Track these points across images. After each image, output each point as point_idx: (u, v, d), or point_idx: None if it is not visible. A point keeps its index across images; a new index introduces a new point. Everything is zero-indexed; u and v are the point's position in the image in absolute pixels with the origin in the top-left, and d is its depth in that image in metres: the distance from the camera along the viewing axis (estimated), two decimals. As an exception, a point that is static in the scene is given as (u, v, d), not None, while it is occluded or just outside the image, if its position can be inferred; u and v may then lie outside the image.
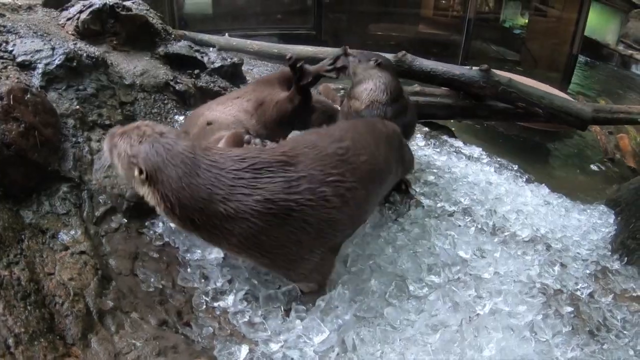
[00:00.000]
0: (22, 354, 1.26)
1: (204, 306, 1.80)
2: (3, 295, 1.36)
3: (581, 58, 7.60)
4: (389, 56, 3.65)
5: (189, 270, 1.87)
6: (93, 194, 1.97)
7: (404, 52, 3.61)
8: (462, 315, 1.98)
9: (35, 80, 2.29)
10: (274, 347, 1.62)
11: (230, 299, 1.81)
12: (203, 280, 1.87)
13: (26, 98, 1.96)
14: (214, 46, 3.95)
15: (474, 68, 3.57)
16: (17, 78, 2.23)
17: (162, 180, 1.55)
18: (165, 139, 1.60)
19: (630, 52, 8.37)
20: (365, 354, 1.71)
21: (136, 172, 1.58)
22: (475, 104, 3.65)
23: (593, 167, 4.59)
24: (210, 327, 1.69)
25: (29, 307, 1.38)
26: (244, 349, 1.59)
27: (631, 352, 2.04)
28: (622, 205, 3.23)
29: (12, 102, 1.87)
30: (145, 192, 1.60)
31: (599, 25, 8.24)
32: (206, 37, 4.24)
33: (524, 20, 8.33)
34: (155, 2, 3.51)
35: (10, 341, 1.28)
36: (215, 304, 1.80)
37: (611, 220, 3.09)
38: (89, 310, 1.50)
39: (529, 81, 4.13)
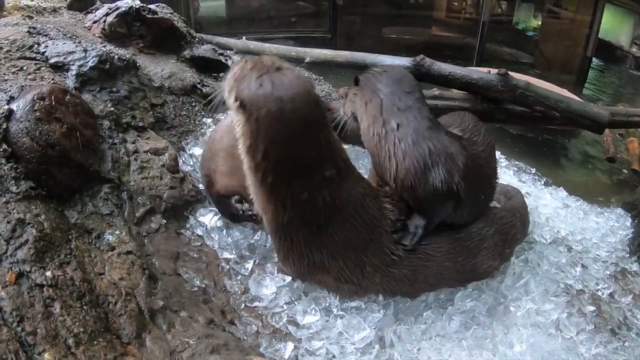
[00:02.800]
0: (83, 354, 1.28)
1: (243, 305, 1.84)
2: (59, 295, 1.39)
3: (594, 60, 7.57)
4: (406, 60, 3.70)
5: (238, 278, 1.92)
6: (132, 195, 2.01)
7: (422, 55, 3.64)
8: (492, 312, 2.05)
9: (69, 82, 2.33)
10: (317, 344, 1.66)
11: (267, 299, 1.85)
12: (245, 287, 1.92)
13: (66, 99, 1.98)
14: (231, 49, 3.98)
15: (492, 72, 3.60)
16: (52, 79, 2.27)
17: (257, 117, 1.55)
18: (278, 74, 1.58)
19: (643, 54, 8.31)
20: (403, 350, 1.77)
21: (232, 99, 1.62)
22: (494, 107, 3.68)
23: (602, 169, 4.63)
24: (253, 325, 1.73)
25: (85, 307, 1.41)
26: (290, 346, 1.64)
27: (651, 350, 2.10)
28: (638, 208, 3.27)
29: (53, 103, 1.89)
30: (237, 119, 1.64)
31: (612, 27, 8.18)
32: (223, 40, 4.27)
33: (537, 22, 8.27)
34: (171, 5, 3.53)
35: (71, 341, 1.30)
36: (254, 304, 1.84)
37: (628, 223, 3.14)
38: (140, 309, 1.53)
39: (546, 85, 4.16)
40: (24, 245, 1.47)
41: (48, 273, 1.43)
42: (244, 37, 4.39)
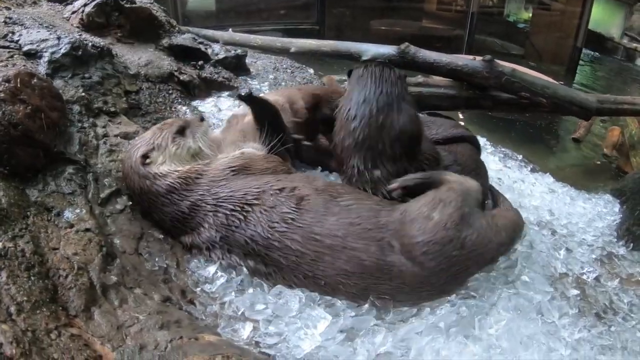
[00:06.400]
0: (23, 321, 1.27)
1: (201, 288, 1.81)
2: (7, 265, 1.38)
3: (586, 51, 7.59)
4: (390, 48, 3.67)
5: (202, 261, 1.90)
6: (98, 177, 1.99)
7: (407, 43, 3.61)
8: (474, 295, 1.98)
9: (42, 69, 2.33)
10: (276, 327, 1.62)
11: (220, 282, 1.83)
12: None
13: (33, 82, 1.99)
14: (217, 41, 3.98)
15: (477, 58, 3.57)
16: (24, 66, 2.27)
17: None
18: None
19: (634, 45, 8.32)
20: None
21: None
22: (479, 94, 3.63)
23: (589, 155, 4.58)
24: (213, 306, 1.70)
25: (32, 278, 1.40)
26: (248, 327, 1.60)
27: (639, 334, 2.03)
28: (627, 194, 3.23)
29: (19, 85, 1.90)
30: None
31: (603, 18, 8.23)
32: (210, 32, 4.26)
33: (527, 14, 8.35)
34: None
35: (12, 309, 1.29)
36: (214, 289, 1.81)
37: (616, 209, 3.09)
38: (92, 284, 1.51)
39: (533, 73, 4.12)
40: (-23, 218, 1.47)
41: (-1, 244, 1.42)
42: (230, 30, 4.39)
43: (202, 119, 2.19)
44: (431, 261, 1.78)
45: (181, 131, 2.05)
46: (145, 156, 1.95)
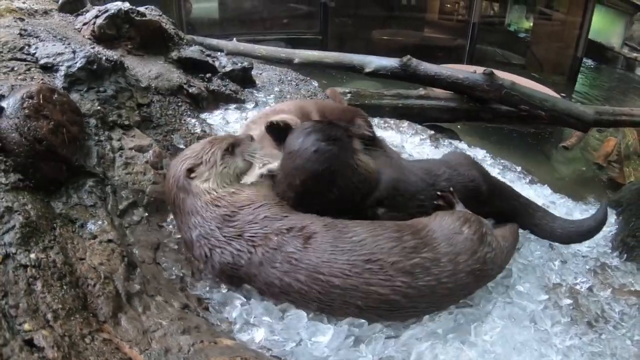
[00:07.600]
0: (60, 327, 1.38)
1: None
2: (42, 275, 1.49)
3: (586, 61, 7.66)
4: (393, 61, 3.78)
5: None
6: (116, 189, 2.09)
7: (409, 56, 3.73)
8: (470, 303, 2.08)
9: (58, 82, 2.41)
10: (285, 332, 1.72)
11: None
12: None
13: (54, 98, 2.07)
14: (222, 51, 4.08)
15: (477, 71, 3.68)
16: (42, 79, 2.36)
17: None
18: None
19: (635, 54, 8.46)
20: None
21: None
22: (479, 107, 3.75)
23: (588, 167, 4.66)
24: (226, 314, 1.80)
25: (64, 287, 1.51)
26: (261, 332, 1.70)
27: (628, 342, 2.13)
28: (623, 205, 3.31)
29: (41, 101, 1.98)
30: None
31: (604, 28, 8.33)
32: (214, 41, 4.37)
33: (528, 24, 8.46)
34: (163, 7, 3.63)
35: (49, 316, 1.40)
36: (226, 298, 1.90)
37: (612, 220, 3.16)
38: (118, 292, 1.62)
39: (532, 84, 4.23)
40: (11, 230, 1.57)
41: (32, 255, 1.53)
42: (234, 39, 4.49)
43: (252, 139, 2.18)
44: (461, 273, 1.90)
45: (231, 149, 2.06)
46: (191, 170, 1.97)
